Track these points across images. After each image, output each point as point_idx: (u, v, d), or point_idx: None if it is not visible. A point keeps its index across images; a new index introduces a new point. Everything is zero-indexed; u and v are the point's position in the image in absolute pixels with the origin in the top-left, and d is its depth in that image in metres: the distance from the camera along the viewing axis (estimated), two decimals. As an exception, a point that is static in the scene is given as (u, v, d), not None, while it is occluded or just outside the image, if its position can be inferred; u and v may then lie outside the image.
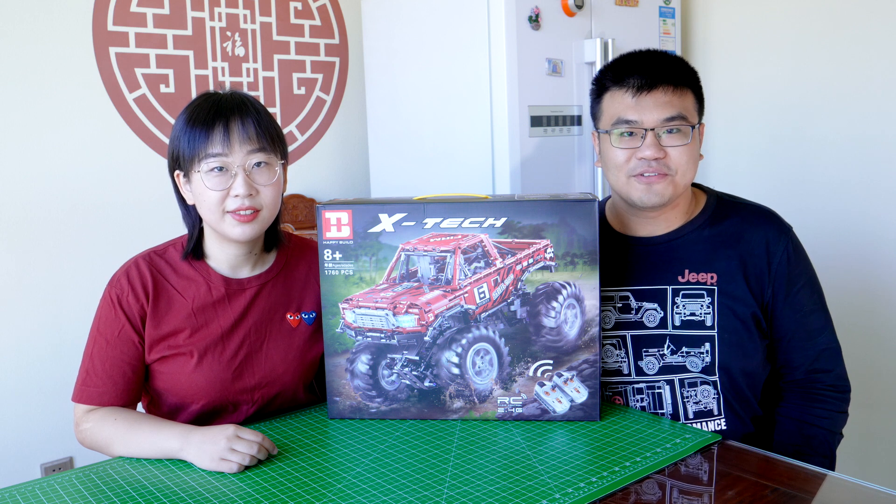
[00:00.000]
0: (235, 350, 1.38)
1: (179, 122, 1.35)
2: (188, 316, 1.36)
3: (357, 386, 1.37)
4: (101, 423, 1.31)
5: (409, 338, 1.34)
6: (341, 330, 1.36)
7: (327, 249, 1.34)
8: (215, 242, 1.39)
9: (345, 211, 1.33)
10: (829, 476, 1.14)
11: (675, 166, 1.36)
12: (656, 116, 1.34)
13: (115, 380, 1.34)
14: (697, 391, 1.39)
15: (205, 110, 1.32)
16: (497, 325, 1.32)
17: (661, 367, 1.40)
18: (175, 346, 1.36)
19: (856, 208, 2.40)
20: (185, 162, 1.33)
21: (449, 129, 2.42)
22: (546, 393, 1.32)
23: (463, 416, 1.35)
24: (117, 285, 1.36)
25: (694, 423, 1.38)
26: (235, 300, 1.40)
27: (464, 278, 1.32)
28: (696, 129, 1.38)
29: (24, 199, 2.25)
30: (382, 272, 1.33)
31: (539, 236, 1.29)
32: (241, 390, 1.39)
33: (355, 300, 1.34)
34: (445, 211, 1.31)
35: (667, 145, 1.35)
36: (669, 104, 1.34)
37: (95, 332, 1.36)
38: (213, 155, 1.30)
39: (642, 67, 1.36)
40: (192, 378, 1.36)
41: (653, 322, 1.41)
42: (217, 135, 1.29)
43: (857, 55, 2.40)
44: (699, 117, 1.40)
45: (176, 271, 1.39)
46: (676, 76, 1.36)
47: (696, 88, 1.40)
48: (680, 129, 1.35)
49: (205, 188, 1.30)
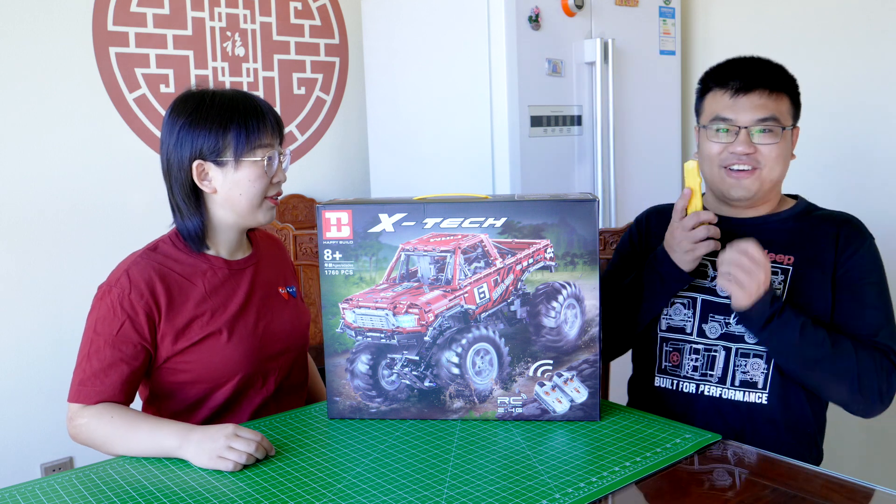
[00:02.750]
0: (255, 321, 1.45)
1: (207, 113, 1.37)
2: (203, 300, 1.41)
3: (357, 386, 1.36)
4: (98, 421, 1.31)
5: (409, 338, 1.34)
6: (341, 330, 1.36)
7: (327, 249, 1.34)
8: (221, 231, 1.45)
9: (345, 211, 1.33)
10: (829, 476, 1.14)
11: (764, 161, 1.43)
12: (750, 116, 1.43)
13: (112, 378, 1.34)
14: (749, 362, 1.44)
15: (243, 101, 1.39)
16: (497, 325, 1.32)
17: (722, 333, 1.46)
18: (200, 330, 1.39)
19: (855, 208, 2.40)
20: (233, 150, 1.37)
21: (449, 129, 2.42)
22: (546, 393, 1.32)
23: (463, 416, 1.35)
24: (117, 285, 1.36)
25: (738, 391, 1.43)
26: (240, 278, 1.47)
27: (464, 278, 1.32)
28: (789, 130, 1.45)
29: (23, 198, 2.25)
30: (382, 272, 1.33)
31: (539, 236, 1.29)
32: (267, 357, 1.46)
33: (355, 300, 1.34)
34: (445, 211, 1.31)
35: (758, 142, 1.43)
36: (764, 106, 1.42)
37: (91, 332, 1.36)
38: (267, 145, 1.40)
39: (743, 71, 1.46)
40: (227, 353, 1.40)
41: (724, 291, 1.43)
42: (268, 125, 1.40)
43: (856, 55, 2.40)
44: (794, 121, 1.47)
45: (178, 262, 1.42)
46: (773, 81, 1.44)
47: (794, 94, 1.47)
48: (772, 130, 1.43)
49: (259, 175, 1.39)
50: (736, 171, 1.44)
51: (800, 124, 1.49)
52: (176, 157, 1.39)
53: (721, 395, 1.44)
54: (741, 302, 1.33)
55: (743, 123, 1.43)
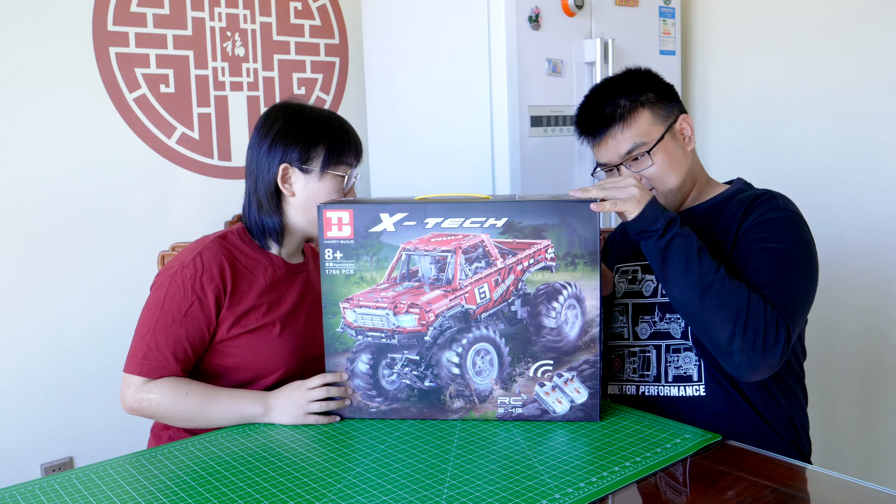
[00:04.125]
0: (305, 322, 1.54)
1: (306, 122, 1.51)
2: (263, 293, 1.49)
3: (357, 385, 1.37)
4: (172, 395, 1.39)
5: (409, 337, 1.34)
6: (342, 329, 1.36)
7: (328, 249, 1.34)
8: (289, 233, 1.55)
9: (346, 210, 1.33)
10: (829, 476, 1.15)
11: (653, 181, 1.47)
12: (615, 154, 1.48)
13: (177, 356, 1.41)
14: (680, 357, 1.45)
15: (337, 120, 1.55)
16: (497, 326, 1.32)
17: (651, 332, 1.49)
18: (256, 320, 1.47)
19: (855, 207, 2.40)
20: (323, 159, 1.49)
21: (449, 129, 2.42)
22: (546, 393, 1.32)
23: (463, 416, 1.35)
24: (189, 266, 1.44)
25: (673, 387, 1.45)
26: (296, 280, 1.56)
27: (464, 278, 1.32)
28: (665, 138, 1.46)
29: (23, 198, 2.25)
30: (383, 272, 1.33)
31: (540, 236, 1.29)
32: (310, 359, 1.53)
33: (356, 300, 1.35)
34: (446, 211, 1.31)
35: (637, 171, 1.47)
36: (619, 144, 1.46)
37: (158, 310, 1.42)
38: (350, 163, 1.53)
39: (586, 121, 1.52)
40: (276, 346, 1.48)
41: (648, 291, 1.51)
42: (353, 146, 1.54)
43: (856, 55, 2.40)
44: (667, 122, 1.48)
45: (244, 254, 1.51)
46: (618, 111, 1.47)
47: (649, 98, 1.47)
48: (640, 156, 1.46)
49: (337, 188, 1.51)
50: None
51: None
52: (267, 158, 1.50)
53: (659, 392, 1.46)
54: (631, 210, 1.31)
55: (614, 162, 1.48)
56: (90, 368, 2.35)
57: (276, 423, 1.37)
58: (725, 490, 1.10)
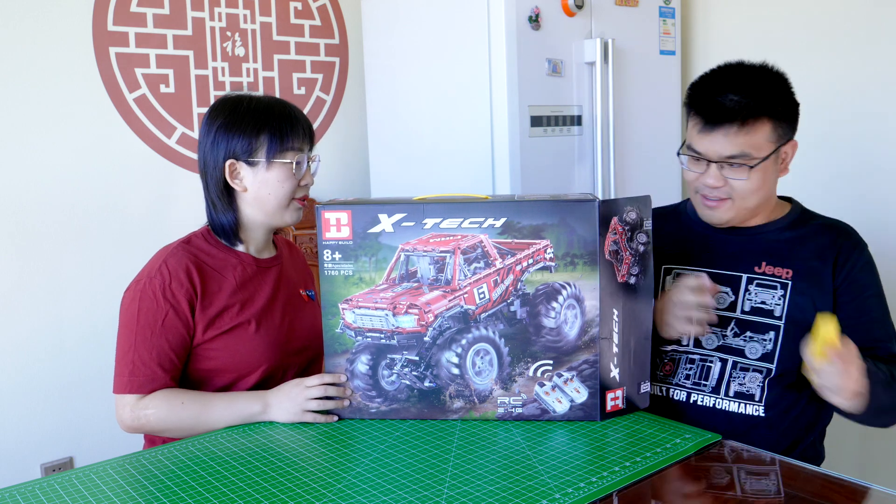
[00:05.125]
0: (281, 317, 1.53)
1: (244, 115, 1.46)
2: (234, 292, 1.48)
3: (357, 386, 1.37)
4: (168, 407, 1.38)
5: (408, 338, 1.34)
6: (341, 330, 1.36)
7: (326, 250, 1.34)
8: (250, 229, 1.53)
9: (344, 211, 1.33)
10: (829, 476, 1.14)
11: (736, 193, 1.40)
12: (718, 152, 1.38)
13: (164, 367, 1.41)
14: (746, 375, 1.42)
15: (279, 106, 1.49)
16: (497, 326, 1.32)
17: (719, 344, 1.45)
18: (230, 320, 1.46)
19: (855, 206, 2.40)
20: (265, 151, 1.45)
21: (449, 129, 2.42)
22: (546, 393, 1.32)
23: (463, 416, 1.35)
24: (157, 277, 1.43)
25: (732, 402, 1.42)
26: (267, 276, 1.55)
27: (463, 279, 1.32)
28: (769, 158, 1.38)
29: (23, 198, 2.25)
30: (382, 272, 1.33)
31: (539, 237, 1.29)
32: (291, 352, 1.53)
33: (355, 300, 1.34)
34: (445, 211, 1.31)
35: (728, 176, 1.39)
36: (731, 143, 1.37)
37: (135, 325, 1.42)
38: (297, 149, 1.48)
39: (712, 101, 1.38)
40: (254, 344, 1.47)
41: (722, 304, 1.45)
42: (300, 130, 1.49)
43: (856, 55, 2.40)
44: (779, 142, 1.40)
45: (210, 255, 1.49)
46: (746, 111, 1.36)
47: (778, 113, 1.38)
48: (741, 165, 1.37)
49: (287, 176, 1.47)
50: (709, 199, 1.42)
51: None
52: (212, 156, 1.48)
53: (714, 404, 1.43)
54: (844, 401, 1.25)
55: (711, 158, 1.39)
56: (90, 368, 2.35)
57: (275, 421, 1.38)
58: (725, 490, 1.10)
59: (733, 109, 1.36)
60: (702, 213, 1.46)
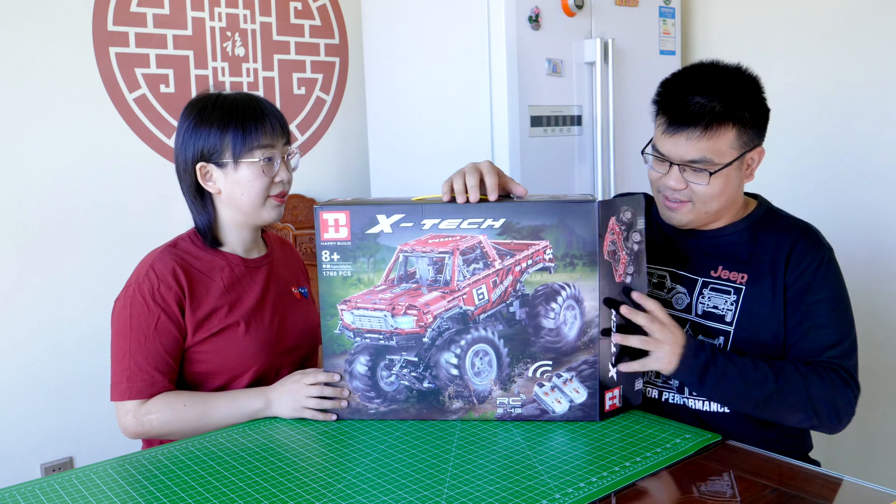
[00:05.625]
0: (271, 316, 1.52)
1: (209, 116, 1.44)
2: (222, 294, 1.47)
3: (356, 387, 1.36)
4: (170, 411, 1.39)
5: (407, 339, 1.34)
6: (339, 331, 1.35)
7: (325, 251, 1.33)
8: (232, 229, 1.51)
9: (342, 212, 1.32)
10: (829, 476, 1.15)
11: (697, 197, 1.39)
12: (680, 155, 1.37)
13: (161, 370, 1.41)
14: None
15: (244, 104, 1.45)
16: (496, 327, 1.32)
17: None
18: (219, 322, 1.45)
19: (855, 207, 2.40)
20: (231, 152, 1.43)
21: (449, 129, 2.42)
22: (545, 393, 1.32)
23: (462, 416, 1.35)
24: (145, 282, 1.42)
25: (699, 401, 1.42)
26: (256, 276, 1.53)
27: (462, 279, 1.31)
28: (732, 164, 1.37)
29: (23, 198, 2.25)
30: (380, 273, 1.33)
31: (538, 237, 1.29)
32: (282, 352, 1.52)
33: (353, 301, 1.34)
34: (443, 212, 1.31)
35: (689, 180, 1.38)
36: (694, 147, 1.35)
37: (128, 331, 1.41)
38: (266, 146, 1.44)
39: (678, 103, 1.36)
40: (244, 345, 1.46)
41: (679, 305, 1.46)
42: (268, 126, 1.44)
43: (856, 55, 2.40)
44: (743, 149, 1.37)
45: (197, 258, 1.48)
46: (709, 116, 1.33)
47: (745, 120, 1.36)
48: (703, 170, 1.36)
49: (258, 175, 1.44)
50: (670, 201, 1.41)
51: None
52: (182, 158, 1.47)
53: (685, 403, 1.44)
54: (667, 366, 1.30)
55: (673, 160, 1.37)
56: (90, 368, 2.35)
57: (278, 416, 1.39)
58: (725, 490, 1.10)
59: (697, 113, 1.34)
60: (663, 214, 1.46)
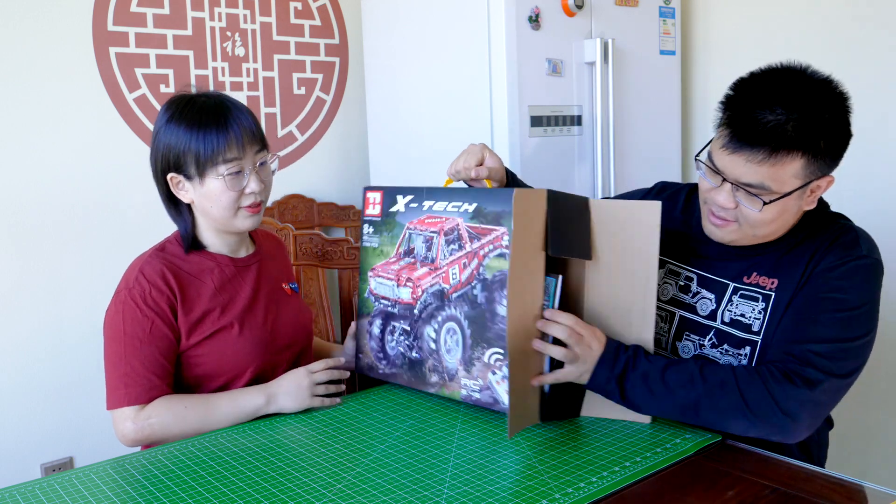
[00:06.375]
0: (264, 315, 1.51)
1: (175, 126, 1.40)
2: (213, 295, 1.46)
3: (372, 347, 1.50)
4: (171, 414, 1.37)
5: (404, 308, 1.43)
6: (367, 295, 1.50)
7: (365, 224, 1.50)
8: (213, 234, 1.50)
9: (378, 192, 1.49)
10: (829, 476, 1.15)
11: (745, 221, 1.28)
12: (737, 175, 1.23)
13: (158, 374, 1.40)
14: None
15: (209, 114, 1.39)
16: (462, 307, 1.33)
17: (696, 353, 1.38)
18: (212, 324, 1.44)
19: (854, 207, 2.40)
20: (195, 166, 1.40)
21: (449, 129, 2.42)
22: (497, 382, 1.29)
23: (437, 390, 1.39)
24: (136, 286, 1.41)
25: None
26: (246, 275, 1.53)
27: (444, 259, 1.36)
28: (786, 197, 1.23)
29: (23, 198, 2.25)
30: (393, 247, 1.45)
31: (499, 223, 1.28)
32: (277, 350, 1.52)
33: (377, 270, 1.48)
34: (439, 195, 1.40)
35: (741, 201, 1.26)
36: (752, 172, 1.21)
37: (123, 336, 1.39)
38: (232, 160, 1.39)
39: (745, 115, 1.21)
40: (239, 346, 1.46)
41: (704, 311, 1.39)
42: (232, 139, 1.39)
43: (856, 55, 2.40)
44: (810, 178, 1.22)
45: (185, 261, 1.47)
46: (779, 141, 1.18)
47: (814, 149, 1.19)
48: (757, 195, 1.23)
49: (224, 189, 1.40)
50: (716, 217, 1.31)
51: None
52: (154, 168, 1.48)
53: None
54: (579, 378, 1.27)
55: (728, 178, 1.25)
56: (90, 368, 2.35)
57: (282, 410, 1.39)
58: (725, 490, 1.10)
59: (764, 133, 1.18)
60: (705, 226, 1.35)
